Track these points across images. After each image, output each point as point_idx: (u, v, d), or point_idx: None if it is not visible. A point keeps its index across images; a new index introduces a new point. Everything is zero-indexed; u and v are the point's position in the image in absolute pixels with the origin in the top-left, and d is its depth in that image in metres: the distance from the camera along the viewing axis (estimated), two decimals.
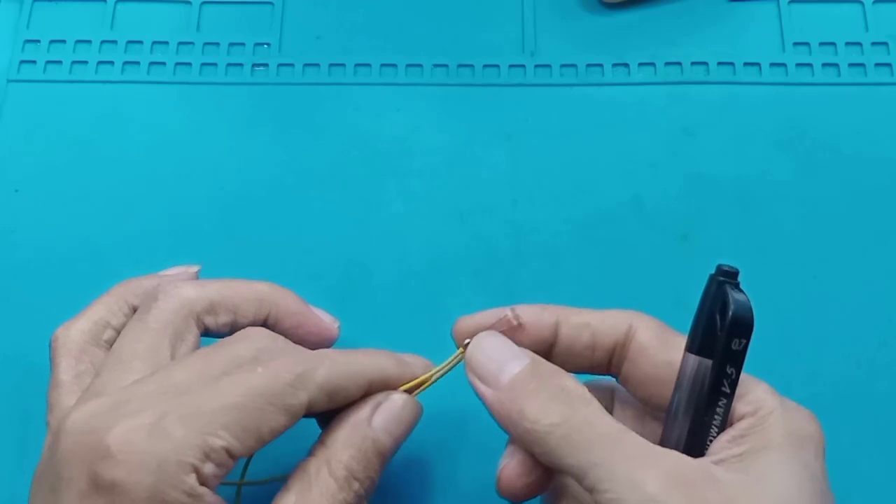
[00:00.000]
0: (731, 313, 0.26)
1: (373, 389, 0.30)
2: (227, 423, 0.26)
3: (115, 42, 0.44)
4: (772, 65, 0.43)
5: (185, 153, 0.42)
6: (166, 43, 0.44)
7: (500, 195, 0.41)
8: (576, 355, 0.29)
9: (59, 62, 0.44)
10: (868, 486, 0.35)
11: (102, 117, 0.42)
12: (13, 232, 0.40)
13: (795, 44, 0.44)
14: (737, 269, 0.27)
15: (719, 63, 0.43)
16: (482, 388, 0.28)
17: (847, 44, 0.44)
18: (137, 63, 0.44)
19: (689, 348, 0.27)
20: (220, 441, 0.26)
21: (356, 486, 0.28)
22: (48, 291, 0.39)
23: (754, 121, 0.42)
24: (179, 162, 0.41)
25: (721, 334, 0.26)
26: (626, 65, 0.43)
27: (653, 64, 0.43)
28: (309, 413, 0.28)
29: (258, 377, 0.27)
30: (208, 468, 0.26)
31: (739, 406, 0.27)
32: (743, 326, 0.26)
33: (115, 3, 0.45)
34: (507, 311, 0.29)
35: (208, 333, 0.31)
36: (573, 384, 0.27)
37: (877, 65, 0.43)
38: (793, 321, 0.38)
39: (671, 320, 0.38)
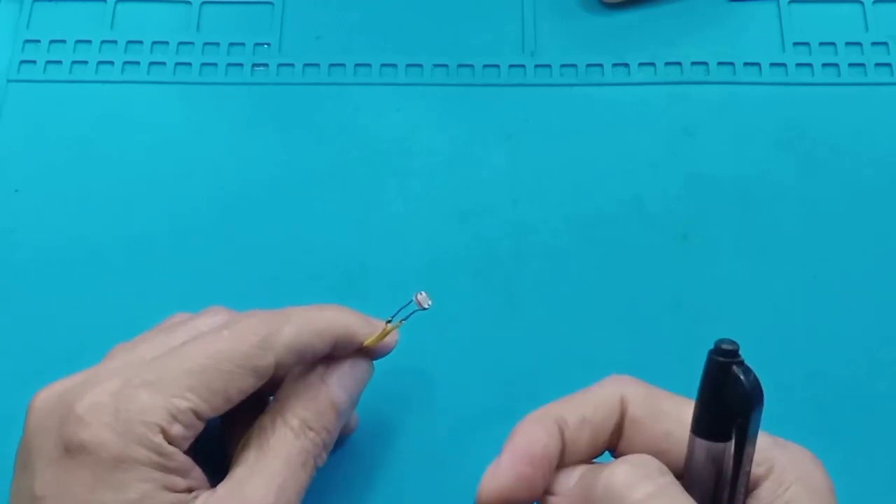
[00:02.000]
0: (747, 398, 0.24)
1: (339, 346, 0.30)
2: (193, 384, 0.27)
3: (115, 42, 0.44)
4: (772, 65, 0.43)
5: (185, 153, 0.42)
6: (166, 43, 0.44)
7: (500, 195, 0.41)
8: (581, 454, 0.28)
9: (59, 62, 0.44)
10: (868, 486, 0.35)
11: (102, 117, 0.42)
12: (13, 232, 0.40)
13: (795, 44, 0.44)
14: (736, 346, 0.25)
15: (719, 63, 0.43)
16: None
17: (847, 44, 0.44)
18: (137, 63, 0.44)
19: (698, 433, 0.25)
20: (186, 402, 0.27)
21: (311, 434, 0.29)
22: (48, 291, 0.39)
23: (754, 121, 0.42)
24: (179, 162, 0.41)
25: (740, 419, 0.25)
26: (626, 65, 0.43)
27: (653, 64, 0.43)
28: (277, 373, 0.29)
29: (224, 340, 0.28)
30: (176, 429, 0.27)
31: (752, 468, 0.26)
32: (759, 404, 0.25)
33: (115, 3, 0.45)
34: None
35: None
36: None
37: (877, 65, 0.43)
38: (793, 321, 0.38)
39: (671, 320, 0.38)
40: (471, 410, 0.36)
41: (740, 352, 0.25)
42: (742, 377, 0.25)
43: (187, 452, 0.28)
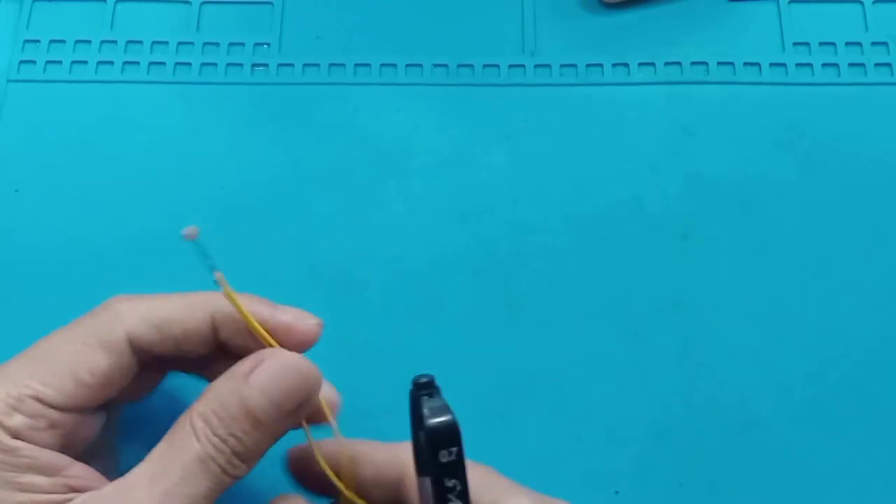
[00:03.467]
0: (426, 426, 0.24)
1: (225, 330, 0.28)
2: (34, 370, 0.25)
3: (114, 42, 0.44)
4: (772, 65, 0.43)
5: (185, 153, 0.42)
6: (166, 43, 0.44)
7: (500, 195, 0.41)
8: (369, 493, 0.28)
9: (59, 62, 0.44)
10: (868, 486, 0.35)
11: (102, 117, 0.42)
12: (13, 232, 0.40)
13: (795, 44, 0.44)
14: (430, 378, 0.25)
15: (719, 63, 0.43)
16: None
17: (847, 44, 0.44)
18: (137, 63, 0.44)
19: (417, 469, 0.25)
20: (25, 390, 0.25)
21: (215, 440, 0.25)
22: (48, 291, 0.39)
23: (754, 121, 0.42)
24: (179, 162, 0.41)
25: (427, 450, 0.24)
26: (626, 65, 0.43)
27: (653, 64, 0.43)
28: (151, 352, 0.27)
29: (72, 324, 0.27)
30: (17, 420, 0.25)
31: None
32: (444, 436, 0.24)
33: (115, 3, 0.45)
34: None
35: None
36: None
37: (877, 65, 0.43)
38: (793, 321, 0.38)
39: (671, 320, 0.38)
40: (470, 410, 0.36)
41: (434, 384, 0.25)
42: (425, 406, 0.24)
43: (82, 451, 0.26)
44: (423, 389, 0.24)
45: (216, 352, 0.29)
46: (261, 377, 0.26)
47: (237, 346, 0.28)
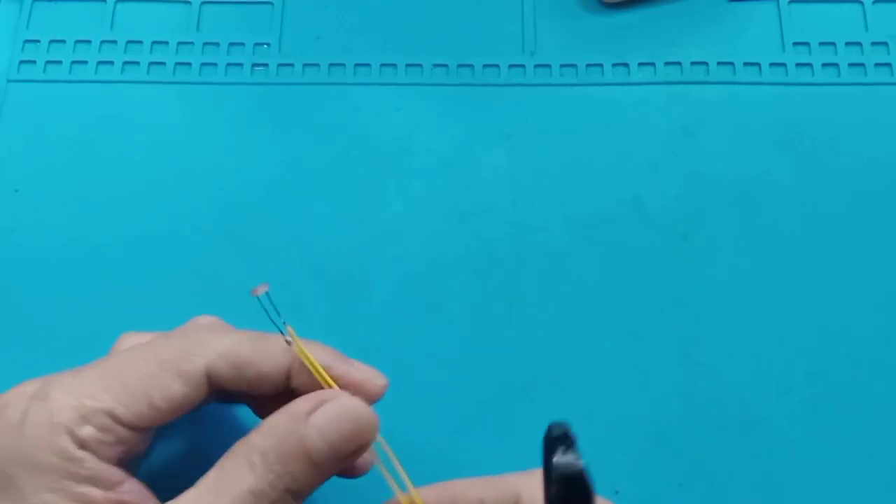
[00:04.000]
0: (558, 479, 0.23)
1: (298, 379, 0.28)
2: (109, 385, 0.25)
3: (114, 42, 0.44)
4: (772, 65, 0.43)
5: (185, 153, 0.42)
6: (166, 43, 0.44)
7: (500, 195, 0.41)
8: None
9: (59, 62, 0.44)
10: (868, 486, 0.35)
11: (102, 117, 0.42)
12: (13, 232, 0.40)
13: (795, 44, 0.44)
14: (565, 429, 0.24)
15: (719, 63, 0.43)
16: None
17: (847, 44, 0.44)
18: (137, 63, 0.44)
19: None
20: (98, 403, 0.25)
21: (270, 476, 0.25)
22: (48, 291, 0.39)
23: (754, 121, 0.42)
24: (179, 162, 0.41)
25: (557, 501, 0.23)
26: (626, 65, 0.43)
27: (653, 64, 0.43)
28: (223, 388, 0.27)
29: (151, 344, 0.26)
30: (86, 431, 0.24)
31: None
32: (574, 491, 0.23)
33: (115, 3, 0.45)
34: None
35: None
36: None
37: (877, 65, 0.43)
38: (792, 321, 0.38)
39: (671, 320, 0.38)
40: (470, 410, 0.36)
41: (569, 436, 0.24)
42: (556, 462, 0.23)
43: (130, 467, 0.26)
44: (560, 441, 0.24)
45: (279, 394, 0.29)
46: (321, 419, 0.26)
47: (305, 392, 0.28)
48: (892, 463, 0.36)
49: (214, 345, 0.27)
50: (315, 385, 0.28)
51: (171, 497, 0.25)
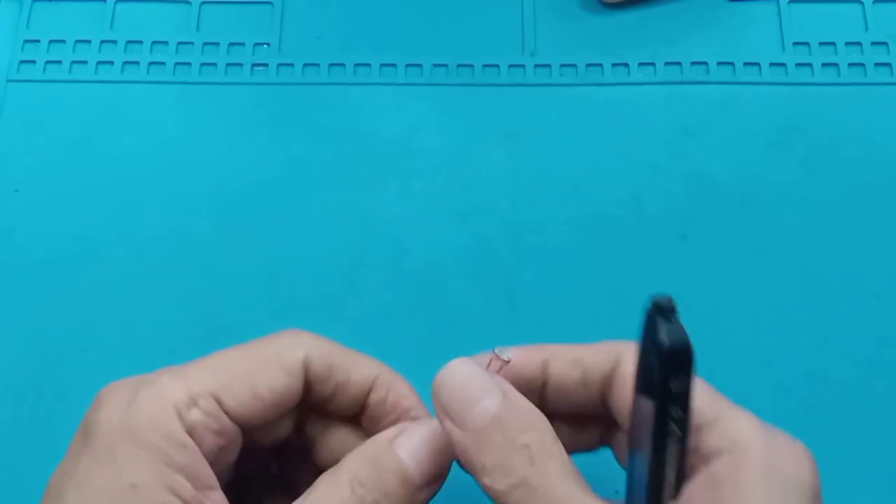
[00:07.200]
0: (663, 350, 0.22)
1: (377, 394, 0.28)
2: (215, 374, 0.26)
3: (114, 42, 0.44)
4: (772, 65, 0.43)
5: (185, 153, 0.42)
6: (166, 43, 0.44)
7: (500, 195, 0.41)
8: (568, 393, 0.28)
9: (59, 62, 0.44)
10: (868, 486, 0.35)
11: (102, 117, 0.42)
12: (13, 232, 0.40)
13: (795, 44, 0.44)
14: (671, 302, 0.23)
15: (719, 63, 0.43)
16: (448, 424, 0.26)
17: (847, 44, 0.44)
18: (137, 63, 0.44)
19: (637, 388, 0.24)
20: (206, 388, 0.25)
21: (361, 491, 0.25)
22: (48, 291, 0.39)
23: (754, 121, 0.42)
24: (179, 162, 0.41)
25: (657, 374, 0.23)
26: (626, 65, 0.43)
27: (653, 64, 0.43)
28: (314, 387, 0.27)
29: (249, 343, 0.27)
30: (194, 414, 0.25)
31: (713, 439, 0.24)
32: (678, 364, 0.22)
33: (115, 3, 0.45)
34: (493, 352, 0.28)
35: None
36: (539, 438, 0.25)
37: (877, 65, 0.43)
38: (793, 321, 0.38)
39: None
40: None
41: (674, 308, 0.23)
42: (663, 329, 0.22)
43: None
44: (662, 313, 0.22)
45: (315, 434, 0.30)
46: (406, 441, 0.27)
47: (377, 415, 0.29)
48: (892, 463, 0.35)
49: (311, 341, 0.27)
50: (381, 410, 0.29)
51: None
